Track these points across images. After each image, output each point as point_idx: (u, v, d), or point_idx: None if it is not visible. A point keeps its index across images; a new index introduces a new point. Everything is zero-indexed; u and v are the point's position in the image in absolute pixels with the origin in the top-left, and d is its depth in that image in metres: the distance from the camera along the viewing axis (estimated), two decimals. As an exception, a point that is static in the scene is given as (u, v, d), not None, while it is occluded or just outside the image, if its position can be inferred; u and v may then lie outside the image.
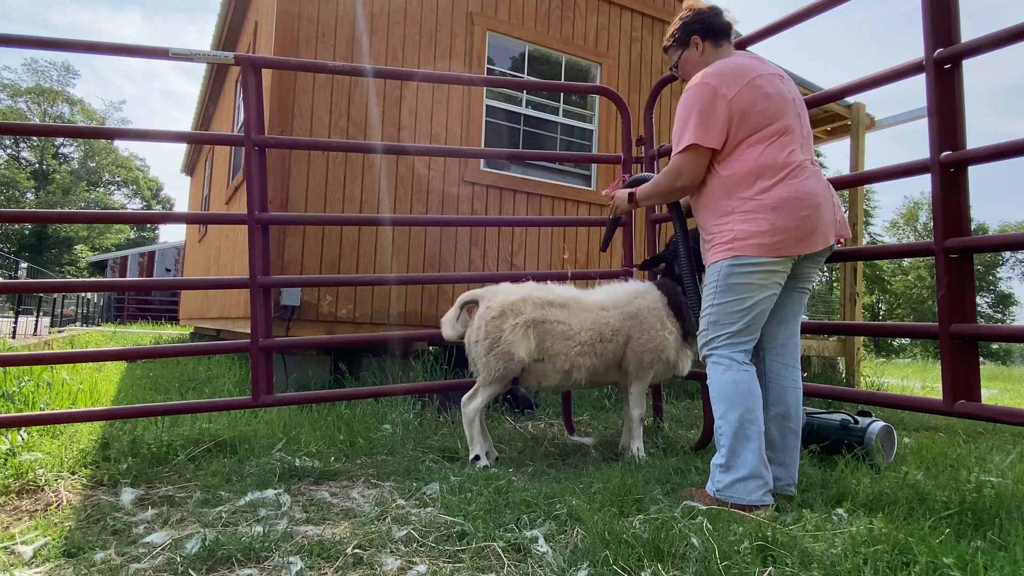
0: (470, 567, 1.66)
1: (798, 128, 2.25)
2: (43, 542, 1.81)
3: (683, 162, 2.27)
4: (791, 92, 2.29)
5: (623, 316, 2.83)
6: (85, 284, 3.19)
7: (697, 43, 2.40)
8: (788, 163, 2.17)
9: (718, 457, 2.20)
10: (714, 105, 2.19)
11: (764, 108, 2.19)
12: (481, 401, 2.77)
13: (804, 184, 2.17)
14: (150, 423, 3.13)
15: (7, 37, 2.70)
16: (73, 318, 21.26)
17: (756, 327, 2.24)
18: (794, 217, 2.14)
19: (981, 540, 1.81)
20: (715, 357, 2.25)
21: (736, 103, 2.18)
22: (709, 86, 2.21)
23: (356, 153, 4.84)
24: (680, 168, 2.29)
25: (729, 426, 2.16)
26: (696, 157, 2.25)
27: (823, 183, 2.25)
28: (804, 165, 2.20)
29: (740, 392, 2.17)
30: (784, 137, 2.20)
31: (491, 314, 2.75)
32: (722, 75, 2.22)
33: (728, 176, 2.23)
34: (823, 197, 2.21)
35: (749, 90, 2.18)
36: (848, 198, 7.28)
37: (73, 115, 42.72)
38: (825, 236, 2.21)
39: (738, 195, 2.20)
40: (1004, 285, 43.18)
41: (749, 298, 2.19)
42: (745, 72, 2.22)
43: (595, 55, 6.11)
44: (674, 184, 2.34)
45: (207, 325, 8.81)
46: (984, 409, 2.13)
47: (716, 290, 2.24)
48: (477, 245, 5.32)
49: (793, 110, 2.25)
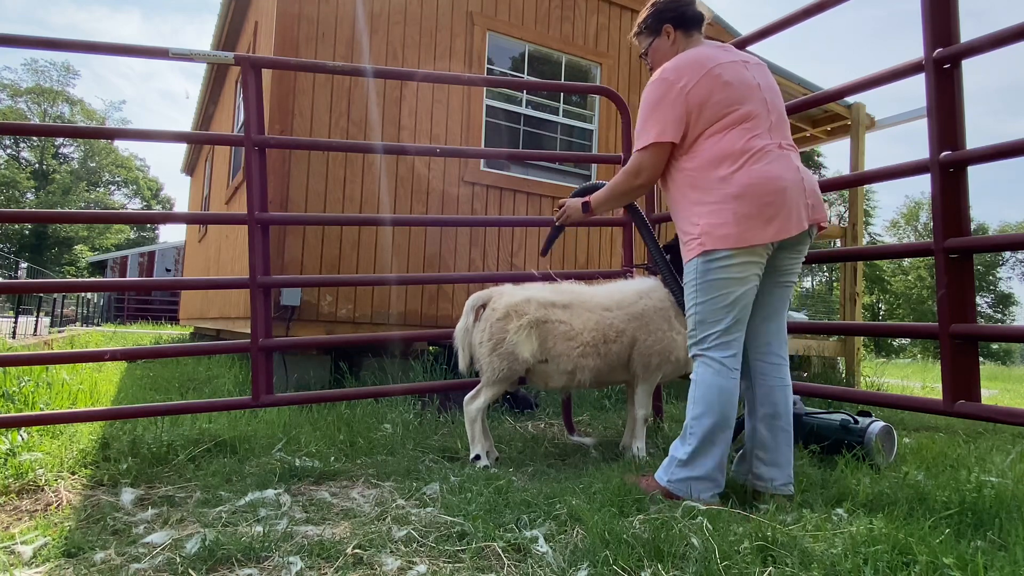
0: (470, 567, 1.66)
1: (763, 113, 2.18)
2: (43, 542, 1.81)
3: (642, 159, 2.25)
4: (757, 78, 2.24)
5: (627, 317, 2.79)
6: (85, 284, 3.19)
7: (669, 32, 2.36)
8: (747, 148, 2.12)
9: (680, 451, 2.19)
10: (671, 100, 2.16)
11: (723, 97, 2.15)
12: (484, 401, 2.77)
13: (767, 168, 2.11)
14: (150, 423, 3.13)
15: (7, 37, 2.70)
16: (73, 318, 21.26)
17: (743, 322, 2.20)
18: (757, 204, 2.08)
19: (981, 540, 1.81)
20: (706, 359, 2.19)
21: (694, 95, 2.15)
22: (666, 81, 2.19)
23: (356, 153, 4.84)
24: (639, 166, 2.26)
25: (701, 429, 2.15)
26: (654, 153, 2.22)
27: (791, 166, 2.17)
28: (767, 149, 2.14)
29: (722, 401, 2.14)
30: (746, 123, 2.15)
31: (496, 315, 2.75)
32: (679, 68, 2.19)
33: (691, 170, 2.20)
34: (789, 180, 2.13)
35: (707, 80, 2.15)
36: (848, 198, 7.27)
37: (73, 115, 42.74)
38: (797, 221, 2.12)
39: (701, 187, 2.17)
40: (1004, 285, 43.21)
41: (730, 293, 2.14)
42: (704, 62, 2.19)
43: (595, 55, 6.11)
44: (633, 183, 2.31)
45: (207, 325, 8.81)
46: (984, 409, 2.13)
47: (696, 289, 2.20)
48: (477, 245, 5.32)
49: (758, 96, 2.20)
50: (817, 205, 2.22)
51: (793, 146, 2.27)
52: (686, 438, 2.20)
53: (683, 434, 2.22)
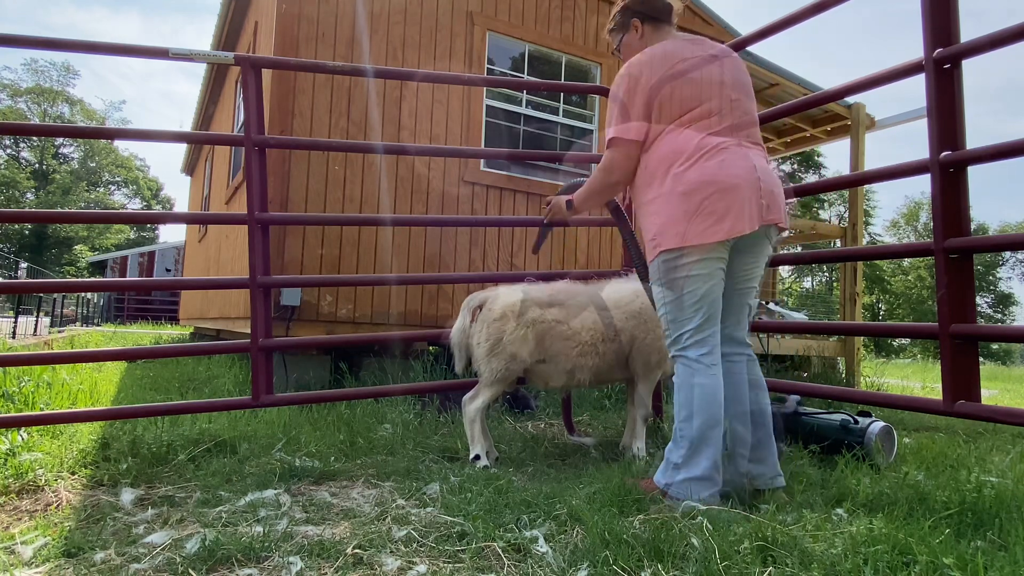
0: (470, 567, 1.66)
1: (725, 110, 2.15)
2: (43, 542, 1.81)
3: (612, 156, 2.23)
4: (725, 74, 2.20)
5: (626, 316, 2.80)
6: (85, 284, 3.19)
7: (637, 26, 2.36)
8: (701, 146, 2.09)
9: (674, 454, 2.17)
10: (634, 95, 2.16)
11: (684, 94, 2.13)
12: (483, 401, 2.77)
13: (719, 166, 2.07)
14: (150, 423, 3.13)
15: (7, 37, 2.70)
16: (73, 318, 21.25)
17: (714, 318, 2.16)
18: (703, 200, 2.05)
19: (981, 540, 1.81)
20: (683, 360, 2.18)
21: (657, 90, 2.14)
22: (630, 77, 2.18)
23: (356, 153, 4.84)
24: (611, 163, 2.24)
25: (690, 431, 2.13)
26: (622, 150, 2.21)
27: (747, 164, 2.10)
28: (723, 146, 2.10)
29: (706, 400, 2.12)
30: (704, 121, 2.12)
31: (492, 316, 2.75)
32: (643, 63, 2.18)
33: (649, 167, 2.19)
34: (742, 178, 2.07)
35: (672, 76, 2.14)
36: (848, 198, 7.28)
37: (73, 115, 42.75)
38: (750, 219, 2.06)
39: (656, 185, 2.15)
40: (1004, 285, 43.24)
41: (695, 291, 2.11)
42: (670, 57, 2.17)
43: (595, 55, 6.11)
44: (608, 180, 2.29)
45: (207, 325, 8.81)
46: (984, 409, 2.13)
47: (662, 288, 2.18)
48: (477, 245, 5.32)
49: (723, 92, 2.16)
50: (772, 206, 2.14)
51: (759, 144, 2.24)
52: (678, 442, 2.18)
53: (674, 437, 2.21)
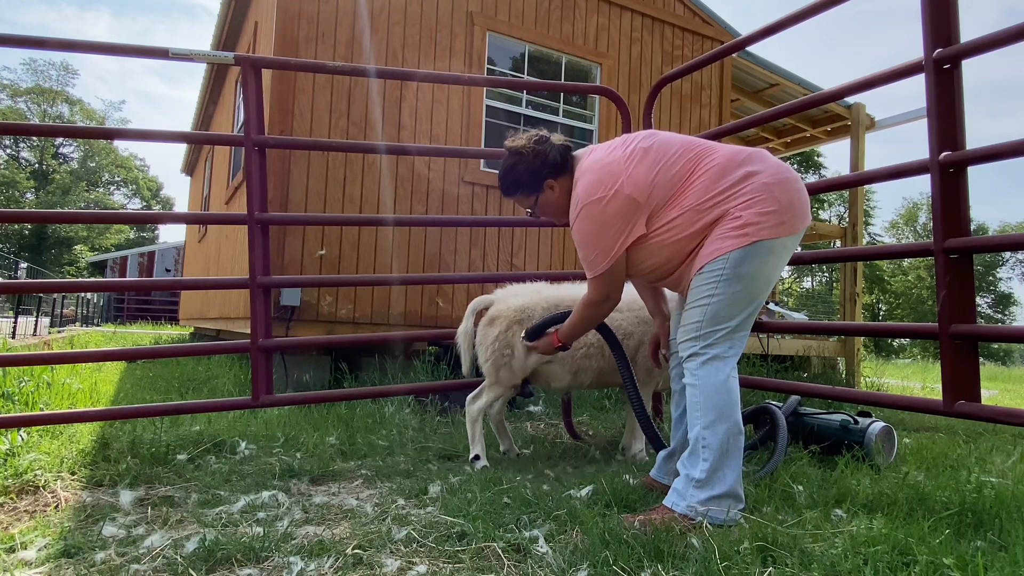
0: (470, 567, 1.66)
1: (705, 147, 2.09)
2: (43, 542, 1.81)
3: (605, 285, 2.11)
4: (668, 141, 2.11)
5: (636, 320, 2.80)
6: (85, 284, 3.19)
7: (552, 185, 2.22)
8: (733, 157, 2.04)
9: (694, 471, 1.95)
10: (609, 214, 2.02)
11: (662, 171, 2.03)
12: (485, 402, 2.77)
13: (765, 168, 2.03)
14: (149, 423, 3.13)
15: (4, 37, 2.70)
16: (73, 318, 21.25)
17: (751, 320, 2.04)
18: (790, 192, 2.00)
19: (981, 540, 1.81)
20: (710, 355, 1.98)
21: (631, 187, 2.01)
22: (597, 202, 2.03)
23: (356, 153, 4.84)
24: (604, 293, 2.13)
25: (716, 439, 1.93)
26: (613, 273, 2.09)
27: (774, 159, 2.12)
28: (745, 152, 2.07)
29: (733, 403, 1.96)
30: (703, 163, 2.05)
31: (496, 319, 2.75)
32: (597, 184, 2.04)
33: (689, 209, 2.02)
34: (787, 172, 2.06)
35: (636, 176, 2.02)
36: (848, 198, 7.28)
37: (73, 115, 42.75)
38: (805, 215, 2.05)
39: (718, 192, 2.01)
40: (1004, 285, 43.26)
41: (761, 287, 2.00)
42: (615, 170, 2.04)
43: (595, 55, 6.11)
44: (602, 309, 2.19)
45: (207, 325, 8.82)
46: (984, 409, 2.13)
47: (721, 279, 1.96)
48: (477, 245, 5.32)
49: (689, 144, 2.10)
50: None
51: None
52: (699, 453, 1.95)
53: (693, 449, 1.98)
